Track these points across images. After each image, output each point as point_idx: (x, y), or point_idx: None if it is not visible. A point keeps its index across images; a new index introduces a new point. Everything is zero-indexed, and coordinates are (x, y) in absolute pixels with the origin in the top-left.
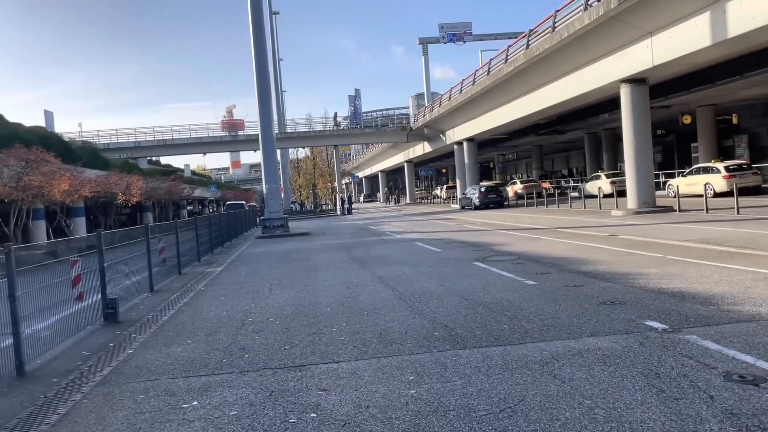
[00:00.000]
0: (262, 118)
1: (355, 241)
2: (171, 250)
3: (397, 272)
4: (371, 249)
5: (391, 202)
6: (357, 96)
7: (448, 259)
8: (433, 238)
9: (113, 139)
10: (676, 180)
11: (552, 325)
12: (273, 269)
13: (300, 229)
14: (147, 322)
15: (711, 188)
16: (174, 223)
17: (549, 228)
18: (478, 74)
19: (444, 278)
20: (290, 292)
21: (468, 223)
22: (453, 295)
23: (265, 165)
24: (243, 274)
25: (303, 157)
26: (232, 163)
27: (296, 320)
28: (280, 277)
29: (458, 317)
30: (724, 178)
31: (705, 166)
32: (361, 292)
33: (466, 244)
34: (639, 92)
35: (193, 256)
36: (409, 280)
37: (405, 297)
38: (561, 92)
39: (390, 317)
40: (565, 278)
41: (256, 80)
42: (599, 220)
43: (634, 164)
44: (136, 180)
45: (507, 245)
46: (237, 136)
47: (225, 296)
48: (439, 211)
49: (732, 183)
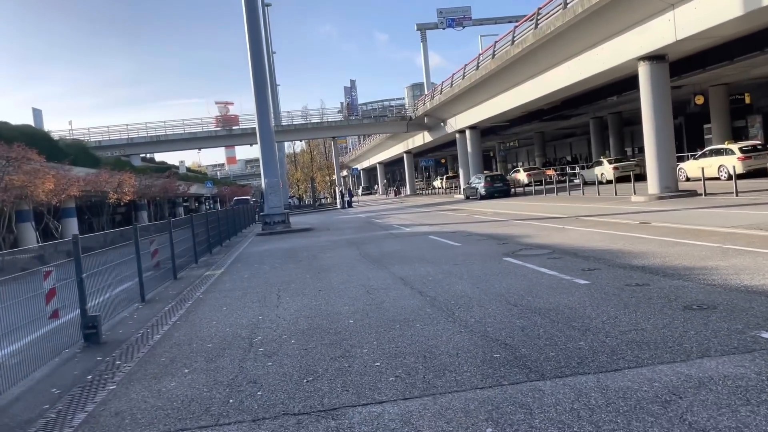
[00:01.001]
0: (258, 109)
1: (362, 237)
2: (165, 252)
3: (419, 272)
4: (383, 245)
5: (390, 194)
6: (353, 87)
7: (472, 255)
8: (447, 231)
9: (105, 137)
10: (686, 163)
11: (640, 340)
12: (278, 271)
13: (301, 224)
14: (135, 342)
15: (725, 170)
16: (167, 222)
17: (569, 217)
18: (482, 58)
19: (477, 278)
20: (302, 300)
21: (478, 214)
22: (496, 300)
23: (264, 158)
24: (246, 277)
25: (300, 151)
26: (227, 159)
27: (315, 337)
28: (288, 280)
29: (515, 330)
30: (740, 159)
31: (718, 148)
32: (385, 297)
33: (486, 237)
34: (659, 70)
35: (189, 258)
36: (437, 282)
37: (439, 303)
38: (572, 74)
39: (429, 331)
40: (621, 275)
41: (252, 66)
42: (620, 207)
43: (655, 147)
44: (128, 177)
45: (532, 237)
46: (232, 131)
47: (227, 306)
48: (443, 201)
49: (748, 165)
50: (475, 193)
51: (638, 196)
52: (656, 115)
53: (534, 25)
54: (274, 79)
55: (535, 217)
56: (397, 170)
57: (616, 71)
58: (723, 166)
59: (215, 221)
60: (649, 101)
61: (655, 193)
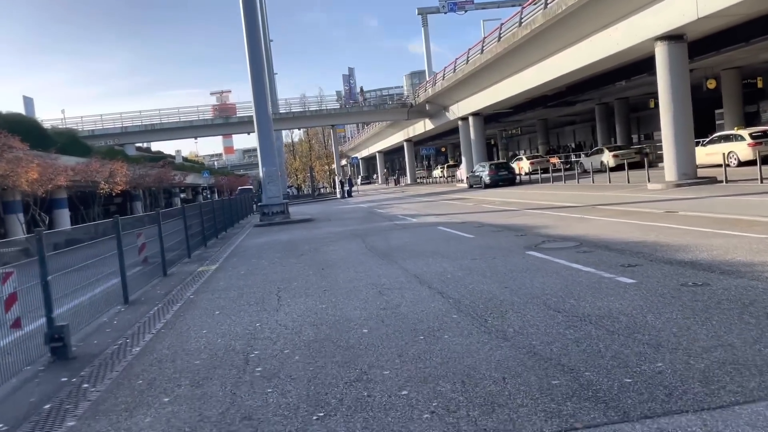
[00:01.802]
0: (255, 94)
1: (366, 228)
2: (154, 247)
3: (434, 268)
4: (389, 237)
5: (390, 183)
6: (351, 75)
7: (490, 248)
8: (456, 222)
9: (98, 126)
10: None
11: (734, 361)
12: (278, 266)
13: (301, 214)
14: (110, 357)
15: (735, 157)
16: (156, 214)
17: (584, 206)
18: (487, 41)
19: (502, 276)
20: (306, 302)
21: (486, 203)
22: (533, 304)
23: (262, 146)
24: (242, 273)
25: (298, 141)
26: (225, 149)
27: (323, 353)
28: (289, 277)
29: (568, 345)
30: (750, 146)
31: (727, 134)
32: (400, 299)
33: (500, 228)
34: (677, 51)
35: (182, 252)
36: (458, 280)
37: (465, 307)
38: (582, 56)
39: (462, 346)
40: (670, 272)
41: (248, 49)
42: (637, 195)
43: (673, 132)
44: (119, 167)
45: (551, 228)
46: (229, 119)
47: (220, 309)
48: (446, 190)
49: (758, 151)
50: (479, 181)
51: (654, 184)
52: (674, 99)
53: (543, 5)
54: (271, 68)
55: (547, 206)
56: (396, 159)
57: (629, 53)
58: (732, 153)
59: (210, 212)
60: (667, 84)
61: (673, 180)
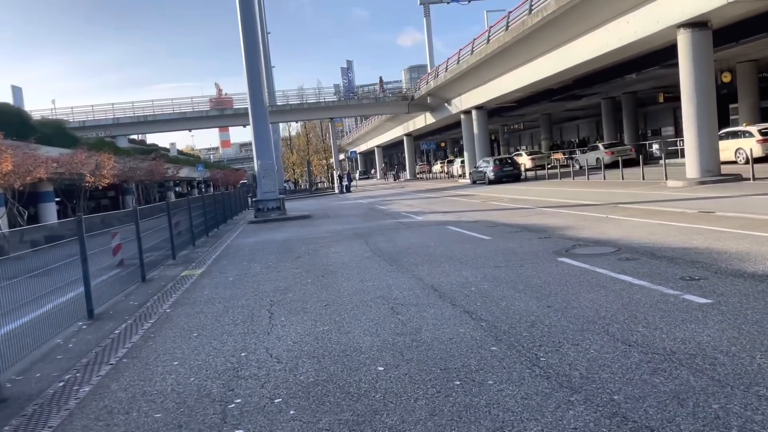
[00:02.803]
0: (250, 81)
1: (369, 226)
2: (131, 248)
3: (454, 277)
4: (395, 237)
5: (389, 178)
6: (349, 68)
7: (514, 253)
8: (467, 221)
9: (89, 117)
10: None
11: None
12: (272, 272)
13: (298, 210)
14: (49, 404)
15: (743, 154)
16: (133, 211)
17: (603, 204)
18: (493, 31)
19: (538, 290)
20: (303, 321)
21: (494, 200)
22: (591, 332)
23: (257, 137)
24: (230, 280)
25: (295, 135)
26: (221, 142)
27: (327, 405)
28: (284, 287)
29: (665, 403)
30: (759, 142)
31: (735, 130)
32: (420, 321)
33: (518, 229)
34: (701, 39)
35: (165, 253)
36: (485, 295)
37: (505, 335)
38: (596, 46)
39: (516, 400)
40: (750, 290)
41: (242, 31)
42: (659, 193)
43: (696, 126)
44: (106, 159)
45: (577, 229)
46: (224, 111)
47: (199, 330)
48: (448, 186)
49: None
50: (483, 177)
51: (675, 181)
52: (697, 91)
53: None
54: (268, 60)
55: (563, 204)
56: (395, 154)
57: (647, 42)
58: (741, 149)
59: (200, 207)
60: (690, 75)
61: (695, 178)
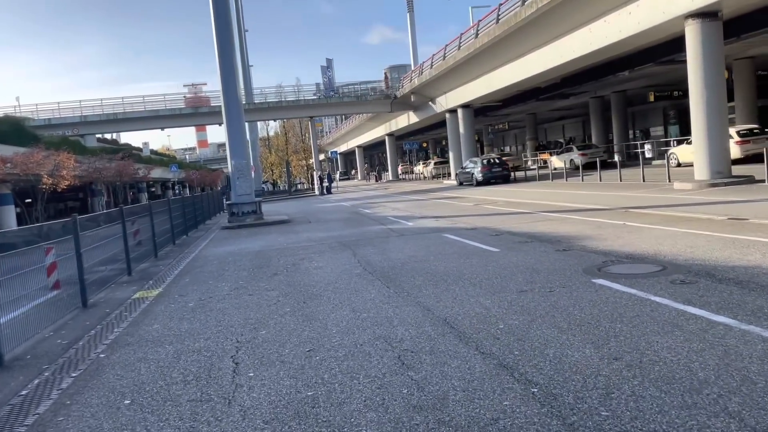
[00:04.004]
0: (223, 74)
1: (355, 234)
2: (69, 267)
3: (470, 306)
4: (387, 248)
5: (371, 179)
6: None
7: (534, 271)
8: (464, 227)
9: (55, 115)
10: (679, 148)
11: None
12: (243, 294)
13: (276, 214)
14: None
15: None
16: (71, 221)
17: (612, 209)
18: (481, 25)
19: (588, 329)
20: (279, 381)
21: (487, 203)
22: (706, 411)
23: (230, 135)
24: (190, 306)
25: (274, 134)
26: (198, 142)
27: None
28: (256, 319)
29: None
30: (737, 144)
31: None
32: (442, 381)
33: (527, 238)
34: (711, 30)
35: (119, 267)
36: (520, 336)
37: (572, 412)
38: (596, 39)
39: None
40: None
41: (214, 22)
42: (667, 196)
43: (705, 124)
44: (65, 158)
45: (596, 239)
46: (199, 109)
47: (134, 395)
48: (434, 188)
49: (746, 149)
50: (470, 178)
51: (682, 183)
52: (707, 85)
53: None
54: (246, 57)
55: (566, 209)
56: (376, 155)
57: (650, 35)
58: None
59: (165, 212)
60: (699, 68)
61: (705, 180)
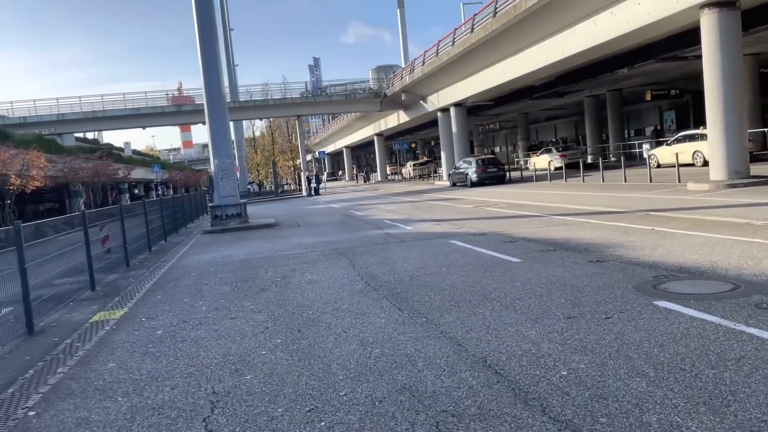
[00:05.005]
0: (206, 69)
1: (350, 239)
2: (12, 285)
3: (512, 340)
4: (390, 257)
5: (359, 180)
6: (316, 65)
7: (576, 290)
8: (471, 233)
9: (32, 112)
10: (658, 149)
11: None
12: (223, 318)
13: (262, 217)
14: None
15: (701, 156)
16: (14, 230)
17: (627, 211)
18: (477, 18)
19: (684, 378)
20: None
21: (487, 205)
22: None
23: (213, 133)
24: (158, 335)
25: (260, 135)
26: (183, 143)
27: None
28: (239, 356)
29: None
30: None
31: (692, 133)
32: None
33: (549, 246)
34: (728, 20)
35: (79, 282)
36: (598, 392)
37: None
38: (601, 31)
39: None
40: None
41: (196, 12)
42: (685, 198)
43: (723, 121)
44: (35, 157)
45: (629, 247)
46: (182, 107)
47: None
48: (426, 189)
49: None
50: (465, 179)
51: (697, 184)
52: (724, 80)
53: None
54: (231, 58)
55: (578, 212)
56: (363, 155)
57: (661, 26)
58: (698, 152)
59: (141, 215)
60: (715, 62)
61: (722, 180)
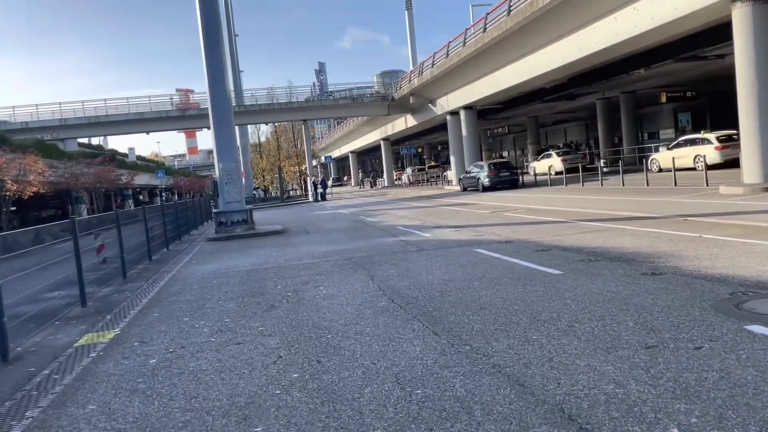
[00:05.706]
0: (210, 70)
1: (363, 247)
2: None
3: (588, 378)
4: (411, 268)
5: (365, 185)
6: (322, 70)
7: (642, 309)
8: (496, 241)
9: (34, 117)
10: (659, 154)
11: None
12: (228, 344)
13: (269, 223)
14: None
15: (701, 160)
16: None
17: (662, 217)
18: (490, 18)
19: None
20: None
21: (504, 210)
22: None
23: (218, 136)
24: (151, 366)
25: (265, 140)
26: (188, 149)
27: None
28: (246, 397)
29: None
30: (717, 149)
31: (693, 137)
32: None
33: (589, 255)
34: (764, 13)
35: (67, 298)
36: None
37: None
38: (623, 28)
39: None
40: None
41: (199, 12)
42: (721, 203)
43: (757, 120)
44: (32, 161)
45: (680, 257)
46: (186, 112)
47: None
48: (436, 194)
49: (726, 154)
50: (476, 183)
51: (731, 187)
52: (759, 77)
53: None
54: (236, 64)
55: (606, 218)
56: (369, 160)
57: (687, 21)
58: (699, 156)
59: (140, 222)
60: (749, 58)
61: (757, 183)
